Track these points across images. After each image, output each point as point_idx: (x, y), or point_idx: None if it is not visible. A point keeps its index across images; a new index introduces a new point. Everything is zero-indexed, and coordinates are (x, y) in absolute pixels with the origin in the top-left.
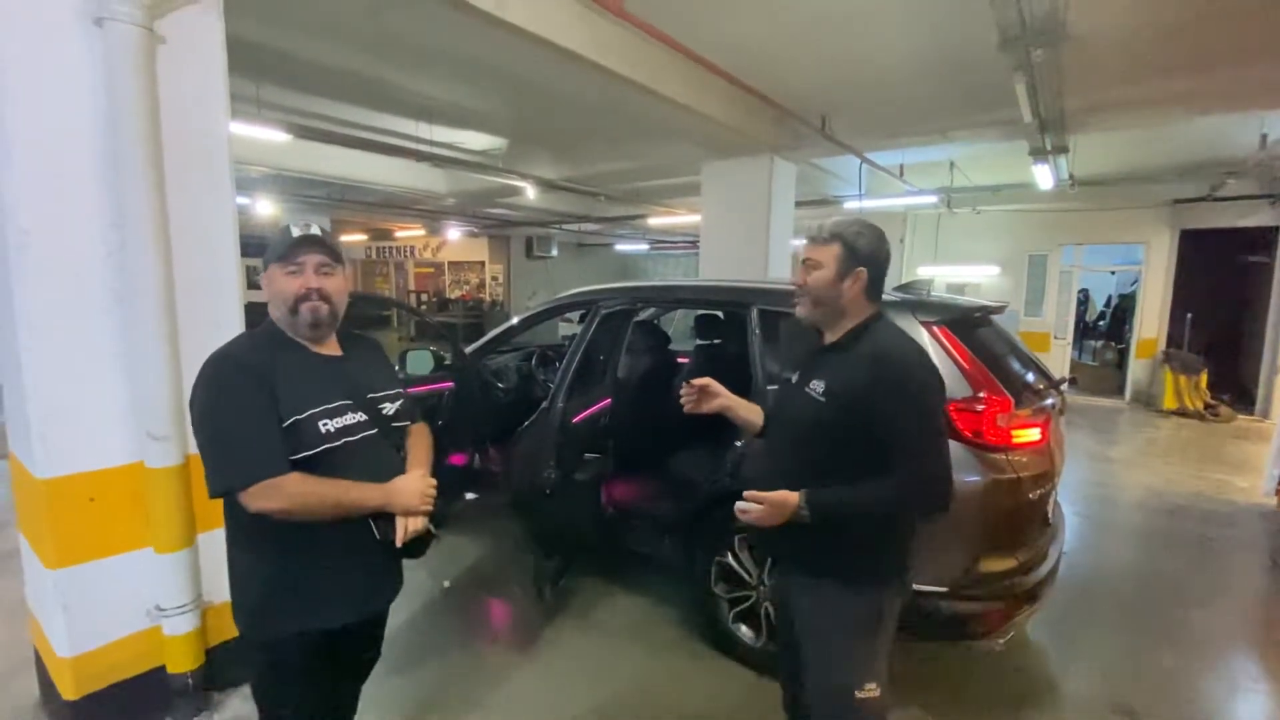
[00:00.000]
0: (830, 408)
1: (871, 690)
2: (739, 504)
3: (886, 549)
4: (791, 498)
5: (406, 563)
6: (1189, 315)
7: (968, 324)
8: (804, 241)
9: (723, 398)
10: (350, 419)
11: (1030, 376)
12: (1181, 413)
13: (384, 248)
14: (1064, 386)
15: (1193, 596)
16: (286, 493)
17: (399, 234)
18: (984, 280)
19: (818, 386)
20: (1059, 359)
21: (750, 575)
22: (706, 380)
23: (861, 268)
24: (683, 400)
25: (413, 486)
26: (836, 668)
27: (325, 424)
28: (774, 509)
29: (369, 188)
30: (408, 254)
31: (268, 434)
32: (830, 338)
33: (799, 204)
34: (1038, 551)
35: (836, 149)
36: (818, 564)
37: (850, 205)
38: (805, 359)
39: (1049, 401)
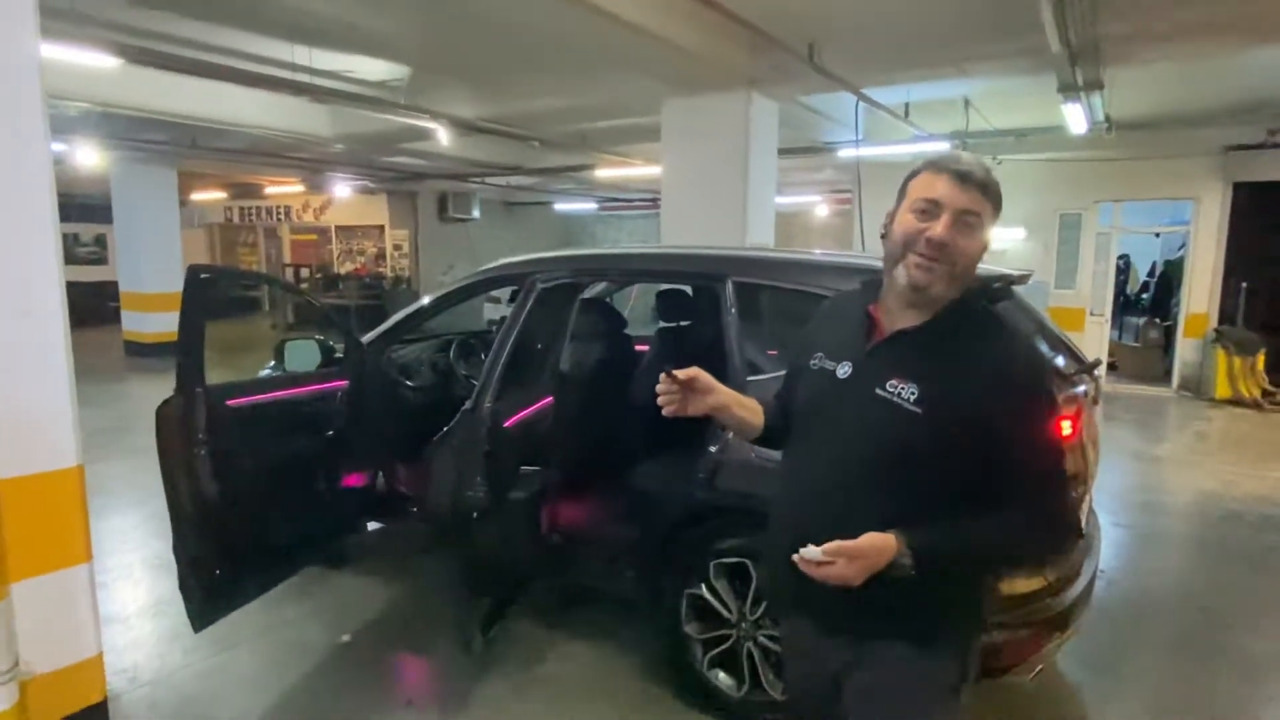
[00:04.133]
0: (929, 422)
1: None
2: (805, 552)
3: (977, 598)
4: (888, 544)
5: (292, 616)
6: (1243, 285)
7: (983, 298)
8: (938, 176)
9: (716, 393)
10: None
11: (1059, 360)
12: (1236, 401)
13: (250, 209)
14: (1098, 371)
15: (1253, 618)
16: None
17: (270, 190)
18: (1008, 245)
19: (905, 391)
20: (1095, 340)
21: (730, 610)
22: (694, 371)
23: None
24: (661, 400)
25: None
26: None
27: None
28: (864, 560)
29: (229, 130)
30: (281, 216)
31: None
32: (911, 318)
33: (783, 152)
34: (1070, 569)
35: (827, 83)
36: (886, 623)
37: (845, 153)
38: (856, 344)
39: (1081, 389)
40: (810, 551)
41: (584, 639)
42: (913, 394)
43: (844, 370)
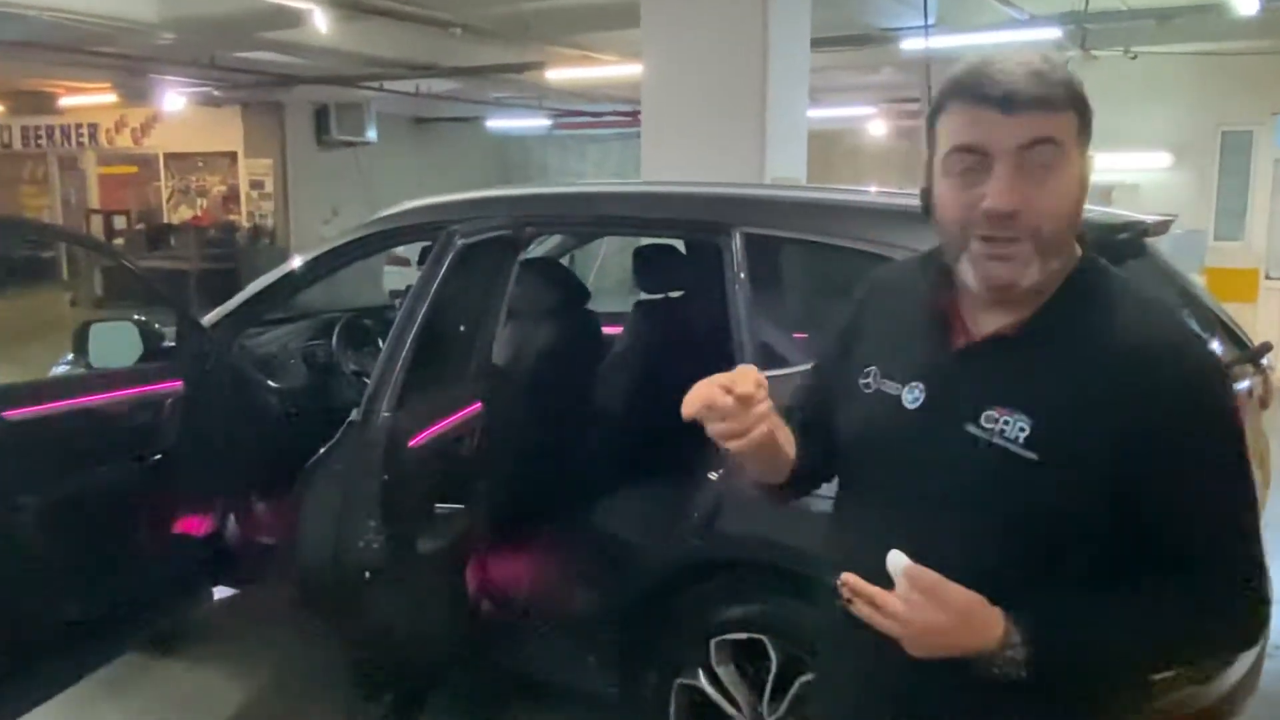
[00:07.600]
0: (1053, 471)
1: None
2: (850, 581)
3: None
4: (989, 616)
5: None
6: None
7: (1103, 255)
8: (971, 107)
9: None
10: None
11: (1213, 344)
12: None
13: (38, 128)
14: (1266, 360)
15: None
16: None
17: (67, 102)
18: (1144, 176)
19: (1013, 427)
20: (1273, 314)
21: (739, 708)
22: (746, 379)
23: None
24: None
25: None
26: None
27: None
28: (953, 619)
29: (5, 13)
30: (85, 139)
31: None
32: (1006, 315)
33: (819, 43)
34: None
35: None
36: None
37: (911, 45)
38: (928, 354)
39: (1242, 385)
40: (894, 560)
41: None
42: (1023, 430)
43: (913, 396)
